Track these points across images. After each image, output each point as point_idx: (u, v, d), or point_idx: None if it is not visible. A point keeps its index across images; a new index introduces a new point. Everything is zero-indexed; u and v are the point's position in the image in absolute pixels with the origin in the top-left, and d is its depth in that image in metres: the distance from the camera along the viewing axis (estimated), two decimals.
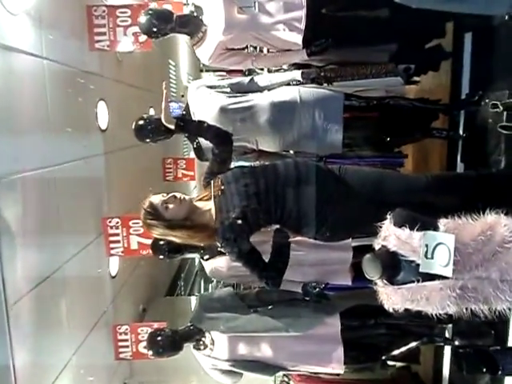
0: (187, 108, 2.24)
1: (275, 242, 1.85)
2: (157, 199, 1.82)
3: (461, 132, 2.54)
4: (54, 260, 2.46)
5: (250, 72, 4.12)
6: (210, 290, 5.81)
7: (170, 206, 1.78)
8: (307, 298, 2.23)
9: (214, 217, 1.80)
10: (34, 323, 2.21)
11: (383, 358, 2.37)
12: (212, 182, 1.87)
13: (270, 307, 2.27)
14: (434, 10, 1.97)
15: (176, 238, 1.85)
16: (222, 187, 1.82)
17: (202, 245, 2.29)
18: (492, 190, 2.06)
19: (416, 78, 2.72)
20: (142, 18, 2.14)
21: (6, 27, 2.03)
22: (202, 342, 2.27)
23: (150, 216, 1.81)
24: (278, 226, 1.89)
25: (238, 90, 2.23)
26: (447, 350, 2.68)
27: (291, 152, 2.35)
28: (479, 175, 2.10)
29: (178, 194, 1.83)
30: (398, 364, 2.89)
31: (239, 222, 1.74)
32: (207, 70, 7.81)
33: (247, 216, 1.76)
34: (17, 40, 2.11)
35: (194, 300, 5.07)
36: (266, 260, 1.84)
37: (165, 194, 1.82)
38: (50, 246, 2.43)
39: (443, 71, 2.66)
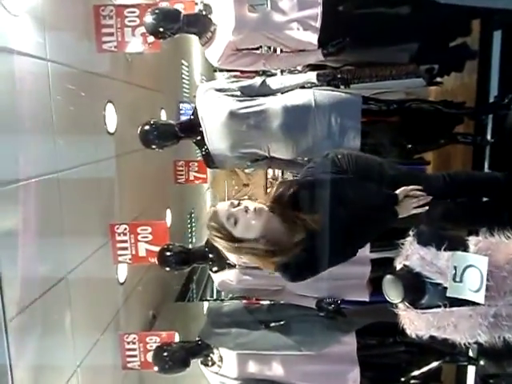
0: (195, 112, 2.13)
1: None
2: (223, 210, 1.48)
3: (489, 137, 2.38)
4: (59, 268, 2.39)
5: (265, 73, 4.01)
6: (222, 295, 5.72)
7: (241, 220, 1.45)
8: (322, 315, 2.11)
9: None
10: (37, 336, 2.13)
11: (402, 379, 2.23)
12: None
13: (282, 323, 2.16)
14: (462, 5, 1.82)
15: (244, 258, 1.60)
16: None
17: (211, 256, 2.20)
18: None
19: (439, 79, 2.57)
20: (148, 18, 2.04)
21: (7, 29, 1.94)
22: (210, 358, 2.17)
23: (214, 231, 1.49)
24: None
25: (248, 93, 2.10)
26: (471, 369, 2.52)
27: (305, 159, 2.22)
28: (508, 180, 1.95)
29: (251, 205, 1.48)
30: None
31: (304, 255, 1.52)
32: (221, 70, 7.73)
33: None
34: (19, 42, 2.02)
35: (205, 305, 4.98)
36: None
37: (235, 202, 1.48)
38: (56, 254, 2.36)
39: (467, 72, 2.50)
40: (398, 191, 1.66)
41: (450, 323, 1.33)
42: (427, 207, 1.64)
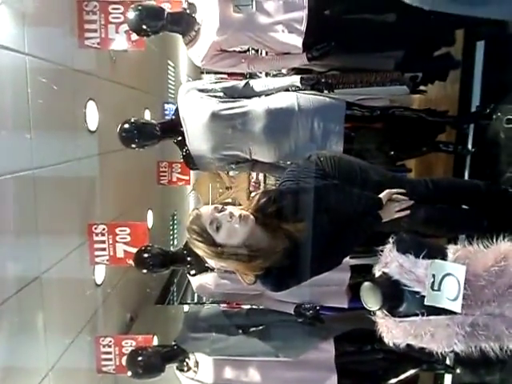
0: (177, 112, 2.09)
1: None
2: (206, 214, 1.43)
3: (470, 147, 2.40)
4: (33, 267, 2.32)
5: (252, 75, 3.99)
6: (204, 298, 5.66)
7: (224, 226, 1.40)
8: (300, 320, 2.08)
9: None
10: (7, 337, 2.06)
11: None
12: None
13: (260, 328, 2.13)
14: (446, 13, 1.82)
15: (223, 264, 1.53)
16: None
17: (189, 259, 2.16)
18: (500, 208, 1.94)
19: (422, 88, 2.59)
20: (131, 14, 2.00)
21: None
22: (185, 364, 2.12)
23: (195, 235, 1.43)
24: None
25: (231, 94, 2.07)
26: (447, 377, 2.52)
27: (288, 163, 2.20)
28: (488, 189, 1.97)
29: (236, 211, 1.43)
30: None
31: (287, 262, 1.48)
32: (208, 72, 7.68)
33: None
34: None
35: (185, 309, 4.91)
36: None
37: (219, 207, 1.44)
38: (30, 253, 2.29)
39: (450, 81, 2.53)
40: (381, 195, 1.65)
41: (427, 332, 1.32)
42: (409, 211, 1.63)
